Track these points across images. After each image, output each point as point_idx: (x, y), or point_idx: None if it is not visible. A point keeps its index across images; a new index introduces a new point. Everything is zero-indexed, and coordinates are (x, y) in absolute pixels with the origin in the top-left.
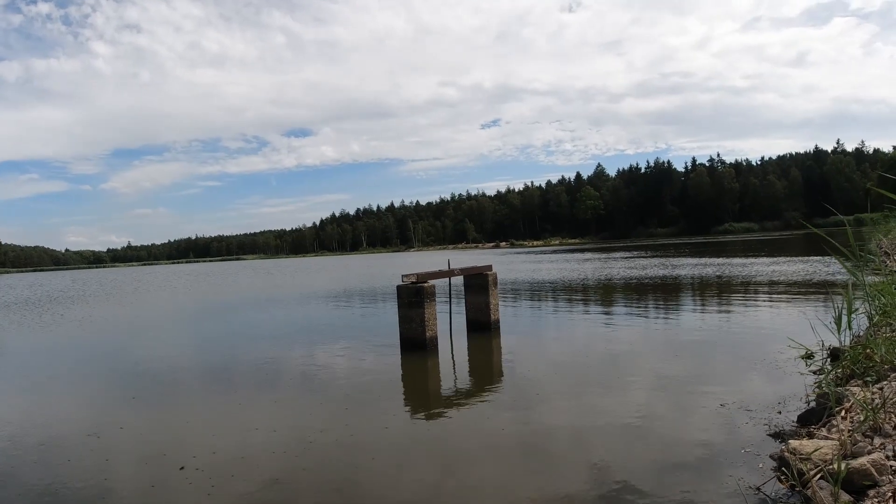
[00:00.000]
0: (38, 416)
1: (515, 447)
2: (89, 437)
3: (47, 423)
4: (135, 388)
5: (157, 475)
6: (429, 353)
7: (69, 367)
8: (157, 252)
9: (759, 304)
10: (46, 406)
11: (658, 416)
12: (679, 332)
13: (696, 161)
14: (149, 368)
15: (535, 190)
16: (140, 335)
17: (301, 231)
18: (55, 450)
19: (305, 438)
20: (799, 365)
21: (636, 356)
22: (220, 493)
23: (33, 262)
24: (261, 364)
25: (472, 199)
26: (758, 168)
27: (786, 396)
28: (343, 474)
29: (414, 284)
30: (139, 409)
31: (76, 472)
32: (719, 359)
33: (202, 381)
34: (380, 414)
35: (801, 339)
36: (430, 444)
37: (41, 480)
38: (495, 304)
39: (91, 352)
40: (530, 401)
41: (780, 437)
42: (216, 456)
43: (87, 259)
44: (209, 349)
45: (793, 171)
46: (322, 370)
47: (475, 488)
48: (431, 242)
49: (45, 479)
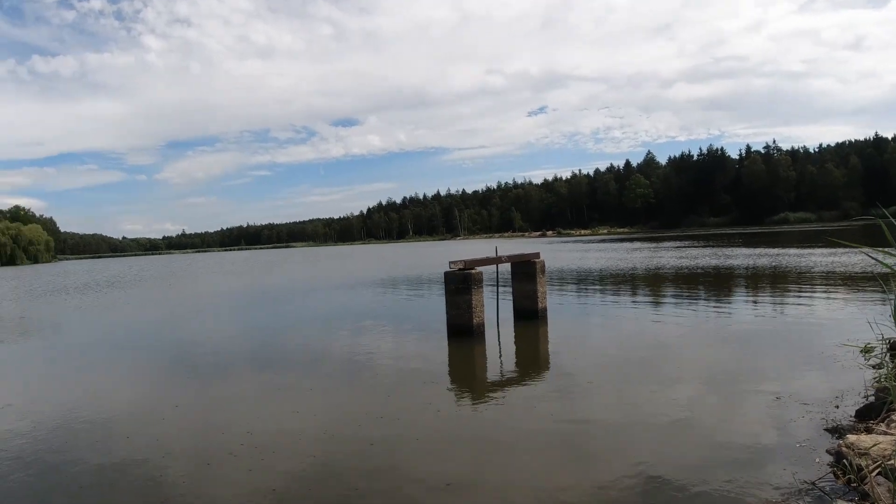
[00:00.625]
0: (98, 394)
1: (559, 437)
2: (146, 414)
3: (105, 401)
4: (187, 369)
5: (209, 452)
6: (475, 340)
7: (125, 348)
8: (209, 239)
9: (815, 296)
10: (104, 385)
11: (708, 409)
12: (731, 323)
13: (751, 148)
14: (201, 350)
15: (583, 178)
16: (192, 319)
17: (348, 219)
18: (114, 427)
19: (349, 421)
20: (857, 358)
21: (686, 348)
22: (267, 470)
23: (91, 249)
24: (308, 348)
25: (519, 188)
26: (815, 155)
27: (843, 390)
28: (385, 456)
29: (461, 271)
30: (192, 389)
31: (135, 449)
32: (773, 351)
33: (251, 364)
34: (424, 399)
35: (859, 333)
36: (472, 431)
37: (103, 457)
38: (543, 291)
39: (146, 334)
40: (576, 391)
41: (836, 431)
42: (265, 435)
43: (144, 246)
44: (258, 333)
45: (852, 159)
46: (368, 355)
47: (516, 476)
48: (477, 231)
49: (105, 456)
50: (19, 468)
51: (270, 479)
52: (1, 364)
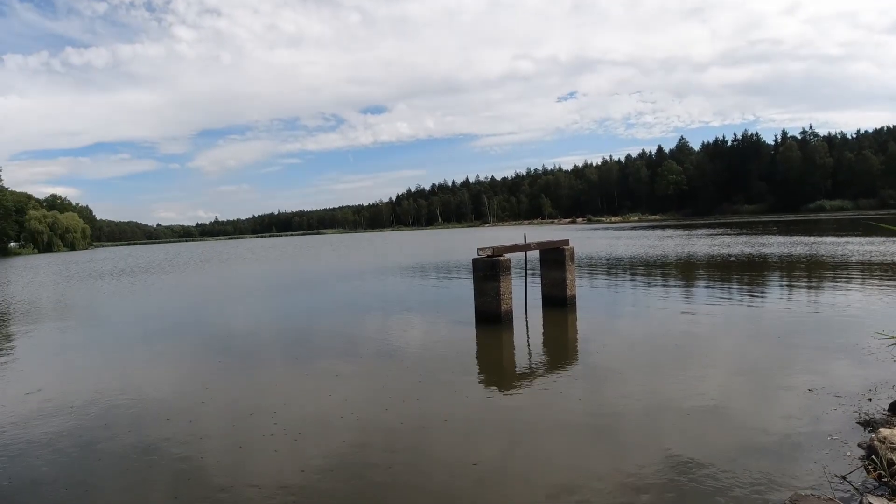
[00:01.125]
0: (133, 378)
1: (586, 424)
2: (181, 397)
3: (140, 385)
4: (221, 353)
5: (242, 435)
6: (503, 327)
7: (160, 333)
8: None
9: (850, 287)
10: (139, 369)
11: (739, 399)
12: (764, 313)
13: (787, 134)
14: (234, 335)
15: (614, 164)
16: (225, 304)
17: (378, 206)
18: (149, 410)
19: (378, 405)
20: (892, 352)
21: (717, 337)
22: (298, 452)
23: (127, 237)
24: (337, 333)
25: (548, 174)
26: (853, 142)
27: (877, 383)
28: (413, 440)
29: (490, 258)
30: (225, 373)
31: (171, 431)
32: (807, 342)
33: (282, 349)
34: (452, 385)
35: (894, 325)
36: (500, 416)
37: (139, 438)
38: (572, 279)
39: (180, 318)
40: (604, 379)
41: (869, 425)
42: (295, 418)
43: (177, 233)
44: (289, 318)
45: (890, 146)
46: (396, 341)
47: (543, 460)
48: (506, 218)
49: (142, 438)
50: (59, 450)
51: (301, 461)
52: (39, 348)
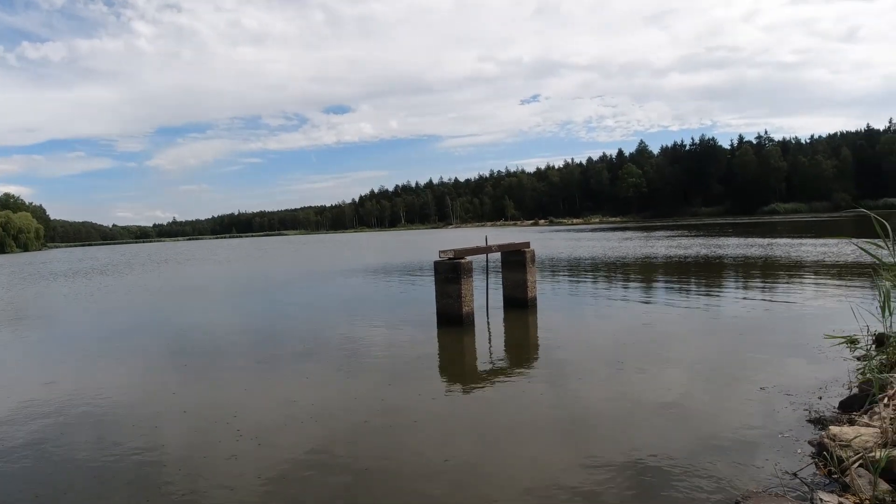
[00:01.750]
0: (91, 382)
1: (548, 423)
2: (140, 403)
3: (98, 389)
4: (180, 357)
5: (204, 441)
6: (465, 329)
7: (118, 336)
8: (201, 227)
9: (803, 287)
10: (99, 373)
11: (695, 397)
12: (720, 313)
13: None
14: (194, 339)
15: (576, 167)
16: (185, 307)
17: (341, 207)
18: (107, 415)
19: (342, 408)
20: (842, 350)
21: (675, 337)
22: (264, 458)
23: (82, 237)
24: (300, 336)
25: (512, 176)
26: (807, 147)
27: (827, 382)
28: (378, 443)
29: (451, 260)
30: (185, 378)
31: (130, 437)
32: (761, 342)
33: (244, 352)
34: (415, 387)
35: (845, 324)
36: (464, 418)
37: (96, 445)
38: (532, 280)
39: (140, 321)
40: (565, 378)
41: (819, 422)
42: (260, 424)
43: (134, 234)
44: (252, 321)
45: (843, 151)
46: (359, 344)
47: (508, 461)
48: (470, 219)
49: (99, 445)
50: (12, 457)
51: (266, 465)
52: None
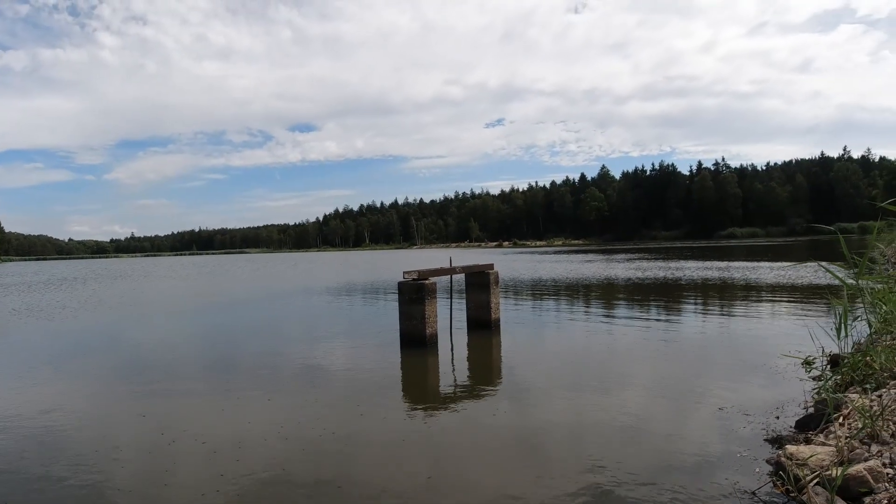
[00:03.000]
0: (44, 401)
1: (511, 445)
2: (92, 423)
3: (48, 409)
4: (136, 376)
5: (158, 463)
6: (429, 351)
7: (72, 355)
8: (160, 243)
9: (760, 309)
10: (47, 394)
11: (655, 418)
12: (679, 334)
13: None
14: (150, 358)
15: (540, 190)
16: (142, 325)
17: (304, 226)
18: (58, 437)
19: (302, 431)
20: (798, 371)
21: (636, 358)
22: (219, 479)
23: (37, 251)
24: (259, 356)
25: (477, 198)
26: (763, 173)
27: (784, 402)
28: (338, 468)
29: (415, 281)
30: (142, 397)
31: (81, 459)
32: (719, 362)
33: (201, 372)
34: (378, 410)
35: (801, 345)
36: (426, 440)
37: (45, 468)
38: (496, 302)
39: (95, 338)
40: (528, 400)
41: (777, 442)
42: (216, 445)
43: (91, 249)
44: (210, 340)
45: (798, 178)
46: (321, 365)
47: (470, 484)
48: (435, 240)
49: (49, 467)
50: None
51: (223, 488)
52: None
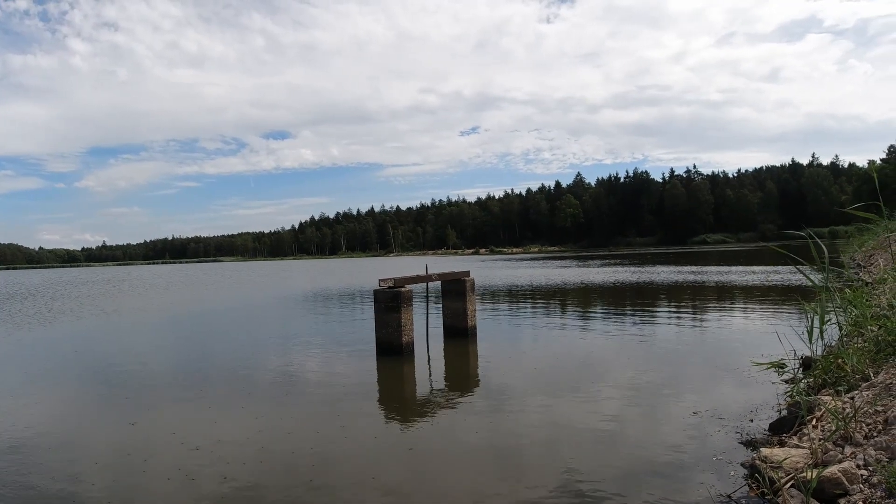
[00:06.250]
0: (7, 415)
1: (487, 452)
2: (64, 439)
3: (16, 425)
4: (107, 390)
5: (132, 477)
6: (405, 358)
7: (40, 368)
8: (132, 252)
9: (733, 314)
10: (17, 406)
11: (630, 422)
12: (653, 339)
13: (674, 172)
14: (123, 372)
15: (515, 197)
16: (113, 338)
17: (280, 234)
18: (27, 453)
19: (279, 441)
20: (771, 374)
21: (610, 363)
22: (194, 493)
23: (6, 260)
24: (234, 366)
25: (453, 206)
26: (734, 180)
27: (758, 405)
28: (314, 479)
29: (391, 289)
30: (113, 411)
31: (52, 476)
32: (693, 367)
33: (174, 386)
34: (354, 419)
35: (773, 349)
36: (402, 449)
37: (12, 487)
38: (472, 309)
39: (63, 351)
40: (504, 406)
41: (751, 445)
42: (192, 458)
43: (62, 258)
44: (182, 353)
45: (768, 184)
46: (297, 374)
47: (447, 492)
48: (411, 248)
49: (16, 486)
50: None
51: (197, 502)
52: None
